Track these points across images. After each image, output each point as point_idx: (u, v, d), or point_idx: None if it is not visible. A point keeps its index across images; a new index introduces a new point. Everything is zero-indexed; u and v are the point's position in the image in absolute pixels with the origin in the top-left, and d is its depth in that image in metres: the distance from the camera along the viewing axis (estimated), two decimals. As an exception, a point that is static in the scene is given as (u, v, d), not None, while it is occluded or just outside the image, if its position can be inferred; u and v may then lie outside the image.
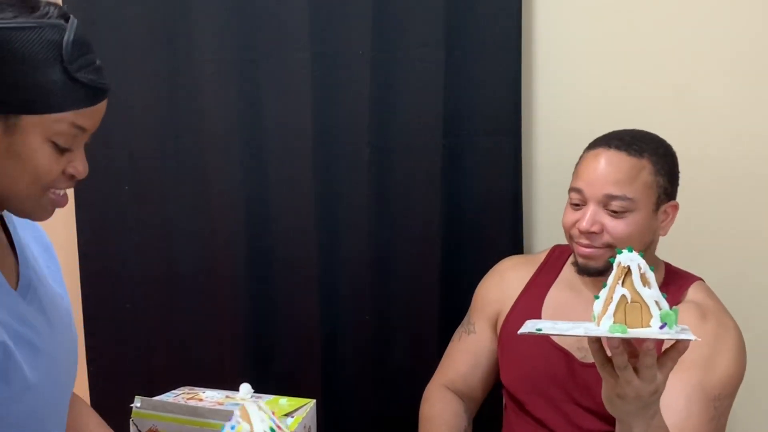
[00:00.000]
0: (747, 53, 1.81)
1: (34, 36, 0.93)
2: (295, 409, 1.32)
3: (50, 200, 1.04)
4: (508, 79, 1.88)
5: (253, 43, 1.92)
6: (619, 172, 1.46)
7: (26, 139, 0.96)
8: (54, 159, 1.00)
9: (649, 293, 1.11)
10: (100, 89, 1.00)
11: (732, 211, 1.84)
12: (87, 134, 1.03)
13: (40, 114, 0.96)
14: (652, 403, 1.16)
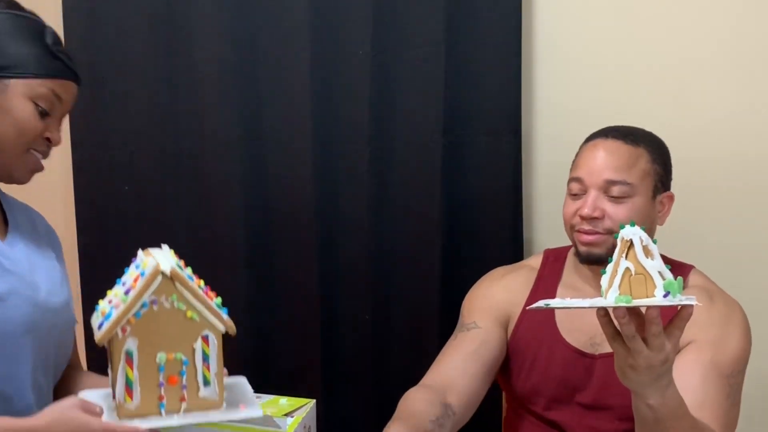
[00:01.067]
0: (747, 54, 1.81)
1: (21, 21, 1.20)
2: (295, 409, 1.31)
3: (31, 161, 1.24)
4: (508, 79, 1.88)
5: (253, 43, 1.92)
6: (619, 159, 1.50)
7: (13, 99, 1.18)
8: (35, 118, 1.20)
9: (652, 264, 1.13)
10: (73, 71, 1.24)
11: (732, 210, 1.84)
12: (63, 108, 1.23)
13: (25, 78, 1.19)
14: (664, 373, 1.17)
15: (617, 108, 1.84)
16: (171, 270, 1.05)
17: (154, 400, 1.07)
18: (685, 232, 1.85)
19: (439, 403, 1.48)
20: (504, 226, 1.93)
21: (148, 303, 1.06)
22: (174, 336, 1.07)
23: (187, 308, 1.07)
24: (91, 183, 2.01)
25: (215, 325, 1.09)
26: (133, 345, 1.06)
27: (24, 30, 1.20)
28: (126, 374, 1.06)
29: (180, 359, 1.07)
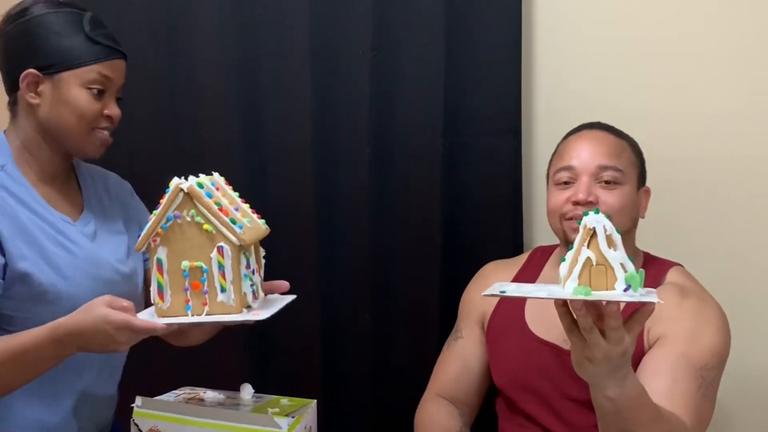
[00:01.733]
0: (746, 55, 1.81)
1: (61, 17, 1.34)
2: (295, 409, 1.31)
3: (98, 138, 1.38)
4: (508, 79, 1.88)
5: (253, 43, 1.92)
6: (608, 147, 1.53)
7: (69, 89, 1.33)
8: (91, 101, 1.35)
9: (614, 255, 1.11)
10: (114, 49, 1.38)
11: (732, 211, 1.84)
12: (114, 85, 1.38)
13: (74, 69, 1.33)
14: (621, 365, 1.16)
15: (617, 108, 1.84)
16: (189, 187, 1.19)
17: (181, 303, 1.22)
18: (685, 231, 1.85)
19: (457, 414, 1.62)
20: (504, 226, 1.93)
21: (173, 217, 1.20)
22: (194, 246, 1.20)
23: (204, 222, 1.20)
24: (91, 183, 2.01)
25: (229, 237, 1.20)
26: (163, 253, 1.22)
27: (64, 24, 1.33)
28: (158, 279, 1.22)
29: (200, 267, 1.21)
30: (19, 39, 1.34)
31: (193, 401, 1.35)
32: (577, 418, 1.49)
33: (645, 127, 1.82)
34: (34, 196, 1.36)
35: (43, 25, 1.33)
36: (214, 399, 1.37)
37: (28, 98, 1.35)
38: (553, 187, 1.56)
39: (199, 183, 1.21)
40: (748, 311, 1.80)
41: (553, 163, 1.59)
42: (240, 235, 1.20)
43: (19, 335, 1.24)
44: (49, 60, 1.33)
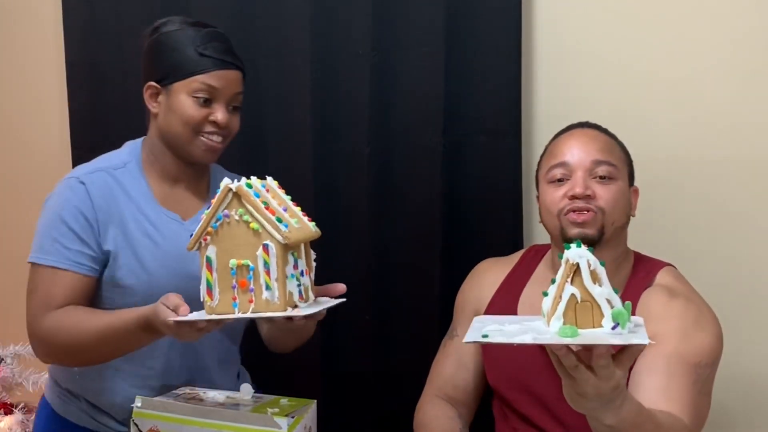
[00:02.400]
0: (746, 55, 1.81)
1: (180, 34, 1.48)
2: (295, 409, 1.32)
3: (203, 143, 1.48)
4: (508, 79, 1.88)
5: (253, 43, 1.92)
6: (601, 143, 1.54)
7: (177, 98, 1.46)
8: (196, 108, 1.46)
9: (600, 291, 1.07)
10: (221, 60, 1.48)
11: (726, 211, 1.84)
12: (222, 94, 1.47)
13: (183, 79, 1.46)
14: (615, 398, 1.12)
15: (617, 108, 1.84)
16: (237, 187, 1.23)
17: (229, 300, 1.25)
18: (678, 231, 1.85)
19: (456, 416, 1.61)
20: (504, 226, 1.93)
21: (222, 216, 1.24)
22: (242, 245, 1.23)
23: (251, 220, 1.23)
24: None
25: (274, 236, 1.22)
26: (212, 252, 1.25)
27: (180, 40, 1.47)
28: (207, 277, 1.25)
29: (247, 265, 1.23)
30: (147, 54, 1.52)
31: (193, 401, 1.35)
32: (572, 418, 1.48)
33: (644, 128, 1.82)
34: (145, 193, 1.51)
35: (164, 42, 1.49)
36: (214, 399, 1.37)
37: (150, 107, 1.51)
38: (546, 185, 1.54)
39: (247, 183, 1.25)
40: (745, 311, 1.80)
41: (544, 162, 1.58)
42: (285, 234, 1.21)
43: (113, 315, 1.38)
44: (165, 73, 1.48)
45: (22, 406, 1.72)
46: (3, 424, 1.39)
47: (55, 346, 1.44)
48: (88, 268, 1.45)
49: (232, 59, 1.50)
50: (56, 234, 1.45)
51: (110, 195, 1.48)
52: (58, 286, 1.44)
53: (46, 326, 1.43)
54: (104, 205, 1.47)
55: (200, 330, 1.25)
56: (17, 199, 2.19)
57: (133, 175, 1.52)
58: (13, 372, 1.83)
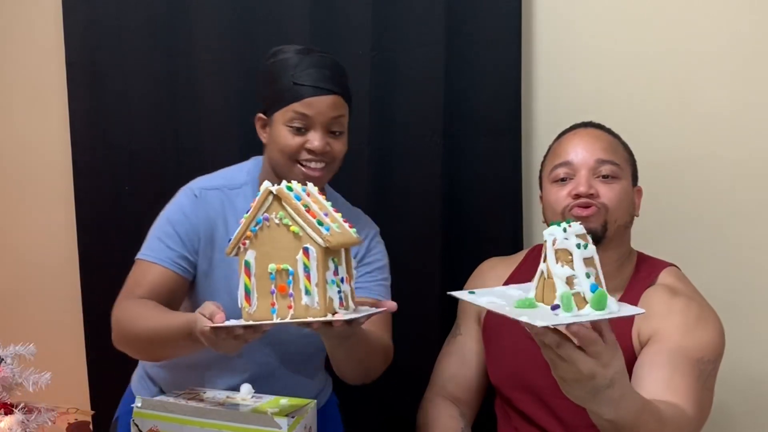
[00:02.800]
0: (747, 55, 1.81)
1: (277, 66, 1.49)
2: (295, 410, 1.32)
3: (300, 171, 1.48)
4: (508, 79, 1.88)
5: (253, 43, 1.92)
6: (605, 142, 1.54)
7: (276, 128, 1.49)
8: (291, 137, 1.47)
9: (561, 271, 1.06)
10: (314, 87, 1.46)
11: (730, 211, 1.84)
12: (315, 120, 1.46)
13: (279, 110, 1.47)
14: (602, 389, 1.09)
15: (617, 108, 1.84)
16: (278, 190, 1.21)
17: (267, 306, 1.22)
18: (680, 231, 1.86)
19: (459, 415, 1.61)
20: (503, 226, 1.93)
21: (261, 219, 1.22)
22: (281, 248, 1.21)
23: (292, 224, 1.20)
24: (91, 183, 2.01)
25: (315, 239, 1.20)
26: (251, 257, 1.22)
27: (278, 72, 1.48)
28: (245, 283, 1.23)
29: (287, 269, 1.21)
30: (257, 85, 1.58)
31: (193, 401, 1.35)
32: (573, 417, 1.48)
33: (645, 127, 1.82)
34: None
35: (268, 73, 1.51)
36: (214, 399, 1.37)
37: (261, 138, 1.55)
38: (550, 185, 1.55)
39: (288, 186, 1.22)
40: (746, 311, 1.80)
41: (548, 161, 1.59)
42: (326, 237, 1.19)
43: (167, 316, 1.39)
44: (267, 104, 1.51)
45: (22, 406, 1.72)
46: (3, 424, 1.39)
47: (116, 332, 1.47)
48: (182, 269, 1.49)
49: (326, 84, 1.47)
50: (162, 235, 1.51)
51: (220, 216, 1.52)
52: (146, 276, 1.49)
53: (116, 312, 1.47)
54: (210, 223, 1.51)
55: (237, 338, 1.22)
56: (17, 199, 2.19)
57: (247, 198, 1.52)
58: (13, 372, 1.82)
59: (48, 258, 2.17)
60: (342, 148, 1.51)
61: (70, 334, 2.08)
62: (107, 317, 2.03)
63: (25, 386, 1.85)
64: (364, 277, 1.58)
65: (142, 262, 1.51)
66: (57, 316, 2.14)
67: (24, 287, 2.21)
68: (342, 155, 1.52)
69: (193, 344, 1.29)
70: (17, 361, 1.89)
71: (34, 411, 1.43)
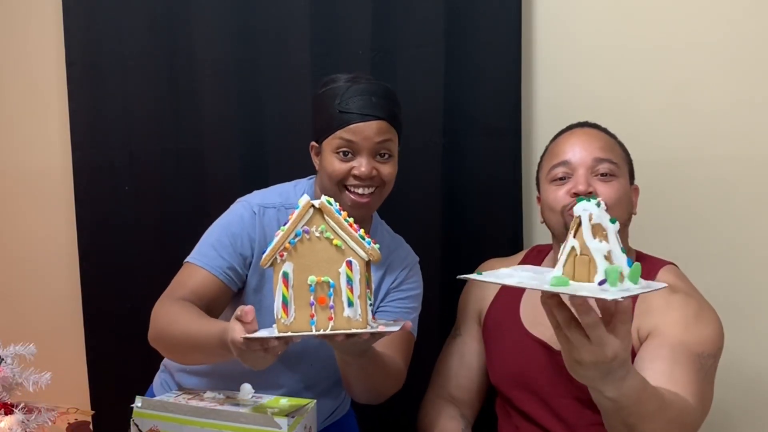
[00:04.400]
0: (746, 54, 1.81)
1: (326, 94, 1.51)
2: (295, 410, 1.32)
3: (349, 198, 1.49)
4: (508, 79, 1.88)
5: (253, 43, 1.92)
6: (601, 141, 1.55)
7: (325, 156, 1.51)
8: (338, 163, 1.48)
9: (599, 246, 1.05)
10: (359, 114, 1.47)
11: (728, 210, 1.84)
12: (361, 145, 1.47)
13: (326, 138, 1.50)
14: (615, 369, 1.10)
15: (617, 108, 1.84)
16: (320, 203, 1.22)
17: (306, 317, 1.22)
18: (679, 230, 1.85)
19: (459, 415, 1.61)
20: (503, 226, 1.93)
21: (301, 232, 1.22)
22: (322, 261, 1.22)
23: (334, 237, 1.22)
24: (91, 183, 2.01)
25: (358, 252, 1.22)
26: (289, 268, 1.22)
27: (326, 100, 1.50)
28: (282, 293, 1.22)
29: (327, 282, 1.22)
30: (312, 112, 1.58)
31: (192, 401, 1.35)
32: (574, 416, 1.49)
33: (644, 127, 1.82)
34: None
35: (319, 101, 1.53)
36: (214, 399, 1.37)
37: (315, 165, 1.57)
38: (548, 185, 1.56)
39: (328, 200, 1.23)
40: (745, 310, 1.80)
41: (545, 161, 1.59)
42: (369, 251, 1.21)
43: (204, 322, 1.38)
44: (318, 133, 1.53)
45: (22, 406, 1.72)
46: (3, 424, 1.39)
47: (153, 330, 1.47)
48: (229, 279, 1.49)
49: (372, 111, 1.48)
50: (216, 243, 1.51)
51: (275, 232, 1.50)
52: (192, 279, 1.49)
53: (157, 309, 1.47)
54: (265, 240, 1.49)
55: (268, 351, 1.21)
56: (17, 199, 2.19)
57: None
58: (13, 372, 1.82)
59: (48, 258, 2.17)
60: (391, 171, 1.51)
61: (70, 334, 2.08)
62: (107, 317, 2.04)
63: (25, 386, 1.84)
64: (396, 302, 1.60)
65: (191, 266, 1.51)
66: (57, 316, 2.14)
67: (24, 287, 2.21)
68: (391, 179, 1.52)
69: (226, 353, 1.27)
70: (17, 361, 1.88)
71: (34, 411, 1.43)
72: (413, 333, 1.59)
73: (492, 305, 1.64)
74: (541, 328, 1.54)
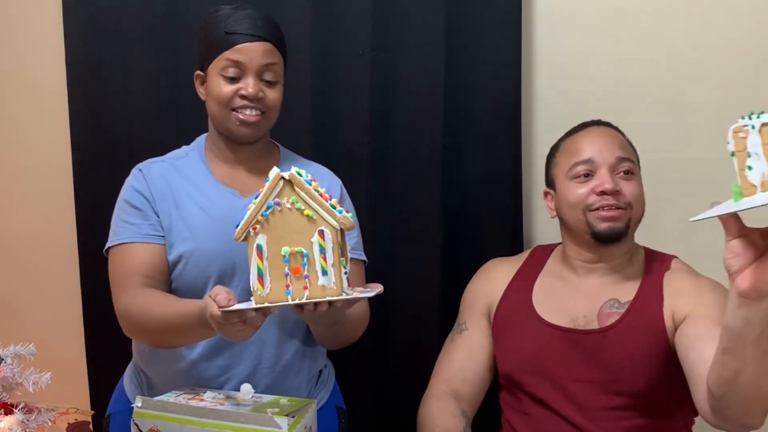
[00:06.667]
0: (746, 55, 1.81)
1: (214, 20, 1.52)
2: (295, 409, 1.32)
3: (236, 117, 1.50)
4: (508, 80, 1.89)
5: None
6: (620, 140, 1.59)
7: (211, 80, 1.51)
8: (225, 86, 1.49)
9: None
10: (246, 34, 1.48)
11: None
12: (248, 67, 1.48)
13: (212, 61, 1.50)
14: None
15: (617, 108, 1.84)
16: (290, 175, 1.24)
17: (281, 288, 1.25)
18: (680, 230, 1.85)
19: (461, 413, 1.61)
20: (504, 226, 1.93)
21: (273, 204, 1.24)
22: (295, 232, 1.24)
23: (305, 208, 1.24)
24: (91, 183, 2.01)
25: (329, 221, 1.24)
26: (263, 240, 1.25)
27: (212, 25, 1.52)
28: (257, 265, 1.25)
29: (301, 252, 1.24)
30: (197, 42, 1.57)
31: (193, 401, 1.35)
32: (589, 400, 1.51)
33: (644, 127, 1.82)
34: (204, 174, 1.57)
35: (203, 29, 1.54)
36: (214, 399, 1.37)
37: (200, 96, 1.57)
38: (569, 182, 1.58)
39: (298, 172, 1.25)
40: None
41: (563, 159, 1.61)
42: (340, 219, 1.24)
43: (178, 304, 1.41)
44: (203, 60, 1.54)
45: (22, 406, 1.72)
46: (3, 424, 1.39)
47: (128, 325, 1.49)
48: (154, 236, 1.51)
49: (258, 32, 1.50)
50: (122, 215, 1.53)
51: (166, 178, 1.55)
52: (128, 261, 1.49)
53: (122, 306, 1.48)
54: (159, 186, 1.53)
55: (246, 322, 1.24)
56: (17, 199, 2.19)
57: (194, 161, 1.59)
58: (13, 372, 1.82)
59: (48, 258, 2.17)
60: (276, 96, 1.52)
61: (70, 334, 2.08)
62: (107, 317, 2.03)
63: (25, 386, 1.85)
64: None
65: (117, 249, 1.51)
66: (57, 316, 2.14)
67: (24, 287, 2.20)
68: (277, 105, 1.53)
69: (207, 330, 1.31)
70: (17, 361, 1.89)
71: (34, 411, 1.43)
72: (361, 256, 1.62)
73: (503, 298, 1.66)
74: (556, 314, 1.58)
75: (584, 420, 1.52)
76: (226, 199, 1.54)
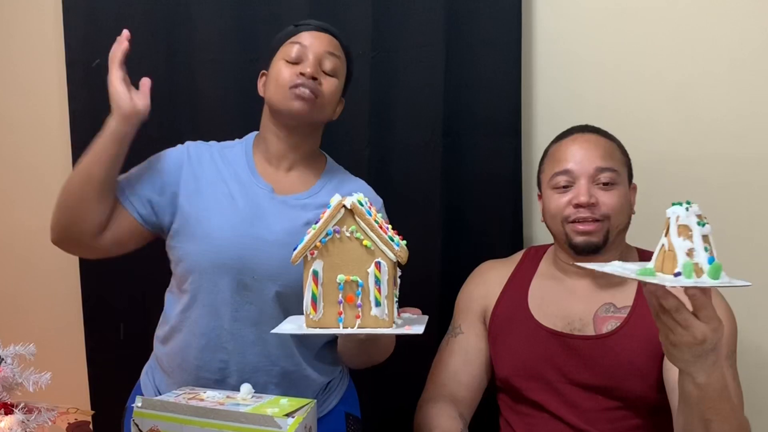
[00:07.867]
0: (745, 55, 1.82)
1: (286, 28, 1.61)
2: (295, 409, 1.31)
3: (294, 93, 1.50)
4: (508, 79, 1.89)
5: (253, 42, 1.92)
6: (602, 149, 1.57)
7: (273, 67, 1.56)
8: (286, 68, 1.53)
9: (683, 244, 1.15)
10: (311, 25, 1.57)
11: (731, 210, 1.84)
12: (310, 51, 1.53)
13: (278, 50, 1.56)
14: (707, 352, 1.18)
15: (617, 108, 1.85)
16: (351, 204, 1.25)
17: (334, 315, 1.27)
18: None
19: (458, 416, 1.61)
20: (503, 226, 1.93)
21: (332, 231, 1.26)
22: (351, 261, 1.26)
23: (364, 238, 1.25)
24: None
25: (387, 253, 1.26)
26: (319, 266, 1.27)
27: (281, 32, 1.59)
28: (312, 290, 1.27)
29: (356, 281, 1.26)
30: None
31: (193, 401, 1.35)
32: (585, 402, 1.51)
33: (644, 127, 1.83)
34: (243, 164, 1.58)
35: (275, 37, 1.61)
36: (214, 399, 1.37)
37: (260, 93, 1.60)
38: (550, 192, 1.59)
39: (359, 200, 1.26)
40: (745, 310, 1.80)
41: (547, 167, 1.61)
42: (398, 252, 1.25)
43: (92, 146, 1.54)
44: (269, 57, 1.58)
45: (22, 406, 1.72)
46: (3, 424, 1.39)
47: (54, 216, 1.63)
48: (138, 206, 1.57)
49: (325, 27, 1.56)
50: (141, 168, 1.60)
51: (206, 158, 1.58)
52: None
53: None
54: (195, 162, 1.56)
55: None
56: (17, 199, 2.19)
57: (238, 153, 1.60)
58: (13, 372, 1.82)
59: (48, 258, 2.16)
60: (331, 89, 1.53)
61: (70, 334, 2.08)
62: (107, 317, 2.04)
63: (25, 386, 1.85)
64: None
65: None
66: (57, 316, 2.14)
67: (24, 287, 2.21)
68: (330, 97, 1.53)
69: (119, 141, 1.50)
70: (17, 361, 1.89)
71: (34, 411, 1.43)
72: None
73: (499, 302, 1.66)
74: (552, 318, 1.58)
75: (581, 422, 1.52)
76: (255, 191, 1.55)
